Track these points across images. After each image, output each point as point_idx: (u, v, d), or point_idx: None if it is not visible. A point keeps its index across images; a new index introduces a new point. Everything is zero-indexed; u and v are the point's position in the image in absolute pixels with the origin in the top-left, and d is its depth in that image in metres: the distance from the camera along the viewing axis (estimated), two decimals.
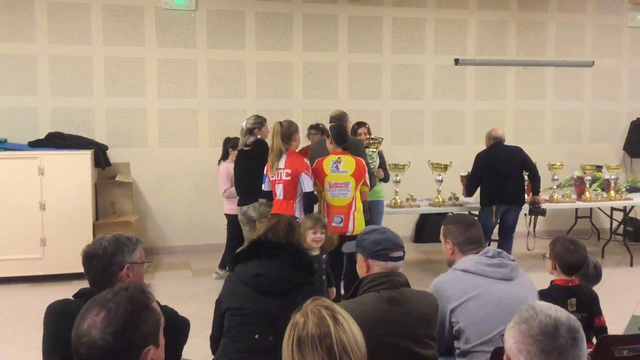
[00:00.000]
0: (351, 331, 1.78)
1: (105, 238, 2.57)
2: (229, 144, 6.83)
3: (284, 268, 2.97)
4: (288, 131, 5.47)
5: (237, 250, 3.28)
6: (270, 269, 2.96)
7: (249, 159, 6.04)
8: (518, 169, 6.69)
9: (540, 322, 1.67)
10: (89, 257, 2.53)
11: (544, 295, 3.15)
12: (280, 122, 5.53)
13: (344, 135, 5.51)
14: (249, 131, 6.04)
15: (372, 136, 6.57)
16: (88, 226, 6.85)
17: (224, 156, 6.94)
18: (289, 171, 5.38)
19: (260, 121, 6.12)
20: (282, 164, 5.43)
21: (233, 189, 6.45)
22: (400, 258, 2.78)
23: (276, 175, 5.45)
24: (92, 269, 2.52)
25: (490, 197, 6.65)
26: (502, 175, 6.57)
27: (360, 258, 2.82)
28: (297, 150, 5.75)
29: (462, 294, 2.84)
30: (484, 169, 6.65)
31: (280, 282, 2.94)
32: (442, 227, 3.22)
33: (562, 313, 1.71)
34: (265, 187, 5.64)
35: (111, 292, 1.77)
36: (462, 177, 7.18)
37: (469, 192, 6.93)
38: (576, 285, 3.32)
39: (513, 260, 2.98)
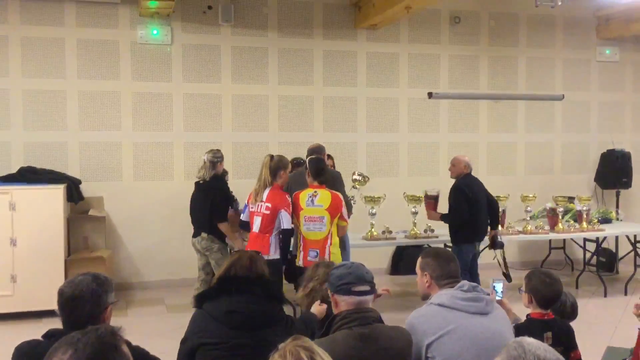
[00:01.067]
0: None
1: (85, 279, 2.49)
2: None
3: (257, 302, 2.95)
4: (275, 166, 5.49)
5: (204, 290, 3.24)
6: (243, 304, 2.92)
7: (202, 192, 6.21)
8: (485, 201, 6.55)
9: None
10: (75, 299, 2.44)
11: (520, 329, 3.15)
12: (271, 156, 5.56)
13: (321, 169, 5.48)
14: (213, 165, 6.20)
15: (364, 174, 6.64)
16: (60, 262, 6.72)
17: None
18: (269, 205, 5.38)
19: (221, 155, 6.32)
20: (264, 196, 5.42)
21: None
22: (366, 292, 2.76)
23: (256, 207, 5.45)
24: (76, 311, 2.42)
25: (475, 232, 6.43)
26: (481, 209, 6.43)
27: (330, 294, 2.84)
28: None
29: (438, 329, 2.82)
30: (468, 202, 6.32)
31: (254, 317, 2.91)
32: (420, 260, 3.17)
33: (551, 354, 1.68)
34: (243, 217, 5.65)
35: (81, 332, 1.73)
36: (427, 196, 6.75)
37: (455, 222, 6.41)
38: (552, 319, 3.33)
39: (488, 295, 2.98)
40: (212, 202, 6.13)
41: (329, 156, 6.72)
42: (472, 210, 6.34)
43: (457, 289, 2.95)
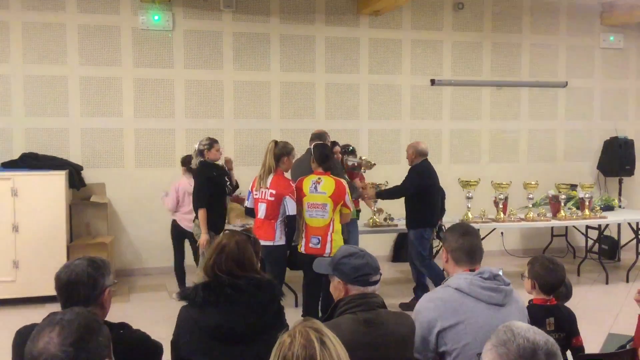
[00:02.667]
0: (337, 355, 1.75)
1: (81, 264, 2.48)
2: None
3: (248, 314, 2.66)
4: (280, 152, 5.46)
5: (188, 291, 2.76)
6: (232, 316, 2.64)
7: (194, 179, 6.35)
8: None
9: (518, 346, 1.64)
10: (71, 284, 2.43)
11: None
12: (276, 141, 5.55)
13: (326, 155, 5.45)
14: (200, 152, 6.29)
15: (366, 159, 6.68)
16: (62, 248, 6.74)
17: None
18: (274, 192, 5.36)
19: (209, 142, 6.31)
20: (268, 183, 5.41)
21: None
22: (378, 281, 2.75)
23: (260, 193, 5.43)
24: (73, 296, 2.42)
25: (435, 215, 6.50)
26: (438, 193, 6.53)
27: (336, 281, 2.76)
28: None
29: (453, 316, 2.74)
30: (429, 185, 6.45)
31: (245, 330, 2.65)
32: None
33: (540, 336, 1.68)
34: (248, 204, 5.64)
35: (57, 314, 1.78)
36: (350, 163, 6.68)
37: (395, 196, 6.60)
38: (554, 305, 3.33)
39: (508, 284, 2.86)
40: (193, 189, 6.27)
41: (336, 143, 6.62)
42: (433, 193, 6.45)
43: (477, 275, 2.83)
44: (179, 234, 7.01)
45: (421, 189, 6.41)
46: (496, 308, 2.78)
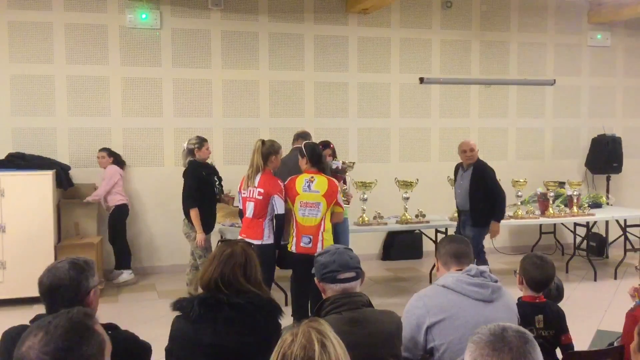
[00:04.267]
0: (337, 359, 1.74)
1: (62, 267, 2.45)
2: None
3: (244, 334, 2.58)
4: (267, 151, 5.45)
5: (185, 300, 2.68)
6: (227, 336, 2.55)
7: (184, 178, 6.30)
8: None
9: (489, 329, 1.78)
10: (54, 288, 2.40)
11: None
12: (263, 140, 5.53)
13: (319, 154, 5.43)
14: (190, 152, 6.26)
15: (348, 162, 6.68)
16: (50, 248, 6.68)
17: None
18: (262, 190, 5.35)
19: (199, 142, 6.31)
20: (256, 182, 5.40)
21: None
22: (352, 279, 2.74)
23: (248, 192, 5.42)
24: (58, 299, 2.39)
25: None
26: None
27: (316, 281, 2.82)
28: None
29: (441, 311, 2.76)
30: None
31: (240, 350, 2.57)
32: None
33: (509, 324, 1.82)
34: (240, 205, 5.62)
35: (53, 315, 1.74)
36: (334, 167, 6.23)
37: (501, 210, 6.60)
38: (543, 302, 3.34)
39: (496, 281, 2.88)
40: (183, 188, 6.24)
41: (329, 144, 6.56)
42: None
43: (464, 272, 2.87)
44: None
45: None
46: (483, 304, 2.80)
